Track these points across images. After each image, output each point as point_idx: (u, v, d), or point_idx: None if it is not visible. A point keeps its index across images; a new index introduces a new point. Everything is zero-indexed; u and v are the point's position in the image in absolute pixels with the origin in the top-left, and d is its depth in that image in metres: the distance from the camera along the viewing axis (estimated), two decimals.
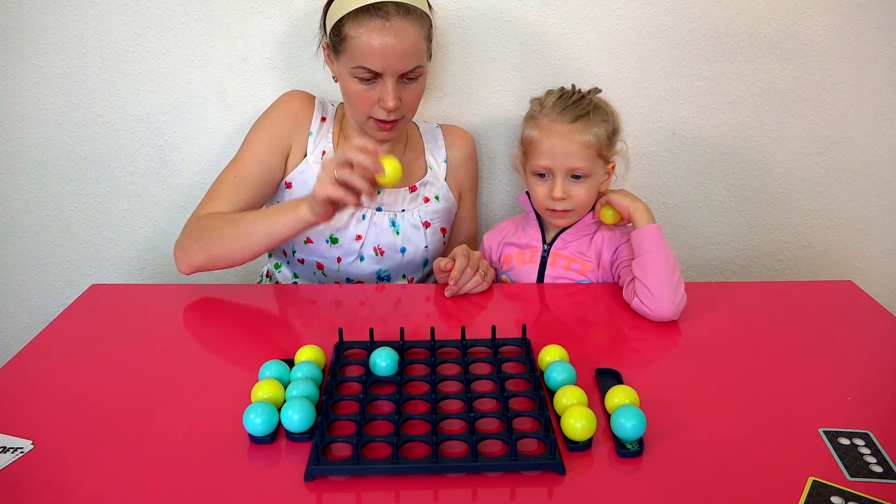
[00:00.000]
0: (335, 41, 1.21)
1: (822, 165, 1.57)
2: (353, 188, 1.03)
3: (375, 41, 1.15)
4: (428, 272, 1.42)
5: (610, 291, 1.24)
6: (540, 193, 1.25)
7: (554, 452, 0.79)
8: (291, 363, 0.97)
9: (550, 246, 1.30)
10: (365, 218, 1.31)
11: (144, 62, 1.46)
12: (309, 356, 0.96)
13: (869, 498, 0.74)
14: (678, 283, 1.12)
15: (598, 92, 1.27)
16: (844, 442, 0.83)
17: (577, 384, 0.91)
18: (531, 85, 1.48)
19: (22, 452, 0.81)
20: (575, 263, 1.28)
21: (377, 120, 1.23)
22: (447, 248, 1.42)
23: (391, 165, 1.05)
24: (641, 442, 0.82)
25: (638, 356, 1.06)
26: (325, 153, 1.31)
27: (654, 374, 0.99)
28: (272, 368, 0.93)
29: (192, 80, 1.47)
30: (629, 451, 0.81)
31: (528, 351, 1.00)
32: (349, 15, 1.17)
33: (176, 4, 1.42)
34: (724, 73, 1.49)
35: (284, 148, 1.30)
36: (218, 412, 0.88)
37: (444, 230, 1.40)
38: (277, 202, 1.33)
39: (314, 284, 1.35)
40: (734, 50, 1.47)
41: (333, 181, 1.03)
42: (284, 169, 1.31)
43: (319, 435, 0.81)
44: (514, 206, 1.60)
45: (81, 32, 1.43)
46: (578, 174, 1.21)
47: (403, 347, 1.01)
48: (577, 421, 0.81)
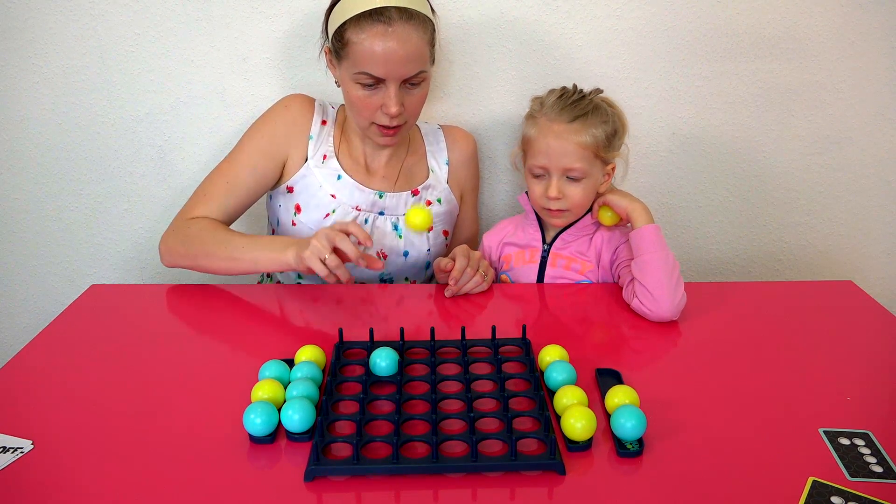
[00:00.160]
0: (337, 46, 1.20)
1: (822, 165, 1.57)
2: (344, 258, 1.11)
3: (378, 47, 1.14)
4: (430, 275, 1.42)
5: (610, 291, 1.24)
6: (536, 192, 1.25)
7: (554, 452, 0.79)
8: (291, 363, 0.97)
9: (550, 246, 1.30)
10: (367, 223, 1.32)
11: (144, 62, 1.46)
12: (309, 356, 0.96)
13: (869, 498, 0.74)
14: (678, 283, 1.12)
15: (599, 92, 1.26)
16: (844, 442, 0.83)
17: (577, 384, 0.91)
18: (531, 85, 1.48)
19: (22, 452, 0.81)
20: (575, 263, 1.28)
21: (380, 126, 1.23)
22: (449, 248, 1.42)
23: (421, 216, 1.08)
24: (641, 442, 0.82)
25: (638, 356, 1.06)
26: (325, 157, 1.30)
27: (654, 374, 0.99)
28: (272, 368, 0.93)
29: (192, 80, 1.47)
30: (629, 451, 0.81)
31: (528, 351, 1.00)
32: (351, 20, 1.16)
33: (176, 4, 1.42)
34: (724, 73, 1.49)
35: (280, 155, 1.30)
36: (218, 412, 0.88)
37: (445, 233, 1.40)
38: (279, 206, 1.33)
39: (315, 284, 1.34)
40: (734, 50, 1.47)
41: (324, 259, 1.09)
42: (281, 175, 1.31)
43: (319, 435, 0.81)
44: (514, 206, 1.59)
45: (81, 32, 1.43)
46: (574, 175, 1.21)
47: (403, 347, 1.01)
48: (577, 421, 0.81)
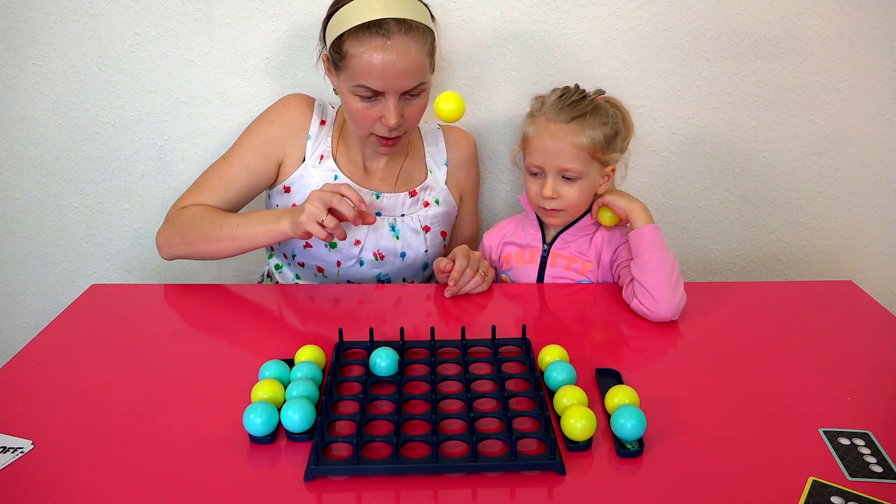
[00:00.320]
0: (335, 58, 1.18)
1: (822, 165, 1.57)
2: (340, 217, 1.13)
3: (376, 60, 1.13)
4: (428, 275, 1.42)
5: (610, 291, 1.23)
6: (532, 191, 1.25)
7: (554, 452, 0.79)
8: (291, 363, 0.97)
9: (550, 246, 1.30)
10: None
11: (144, 62, 1.46)
12: (309, 356, 0.96)
13: (869, 498, 0.74)
14: (677, 282, 1.12)
15: (601, 93, 1.26)
16: (844, 442, 0.83)
17: (577, 384, 0.91)
18: (531, 85, 1.48)
19: (22, 452, 0.81)
20: (575, 263, 1.28)
21: (379, 136, 1.22)
22: (448, 249, 1.42)
23: (454, 100, 1.08)
24: (641, 442, 0.82)
25: (638, 356, 1.06)
26: (322, 157, 1.30)
27: (654, 374, 0.99)
28: (272, 368, 0.93)
29: (192, 80, 1.47)
30: (629, 451, 0.81)
31: (528, 351, 1.00)
32: (349, 32, 1.14)
33: (176, 4, 1.42)
34: (724, 73, 1.49)
35: (276, 154, 1.30)
36: (218, 412, 0.88)
37: (444, 234, 1.40)
38: (276, 206, 1.33)
39: (314, 284, 1.34)
40: (734, 50, 1.47)
41: (321, 221, 1.11)
42: (277, 174, 1.31)
43: (319, 435, 0.81)
44: (514, 205, 1.60)
45: (81, 32, 1.43)
46: (569, 175, 1.21)
47: (403, 347, 1.01)
48: (577, 421, 0.81)
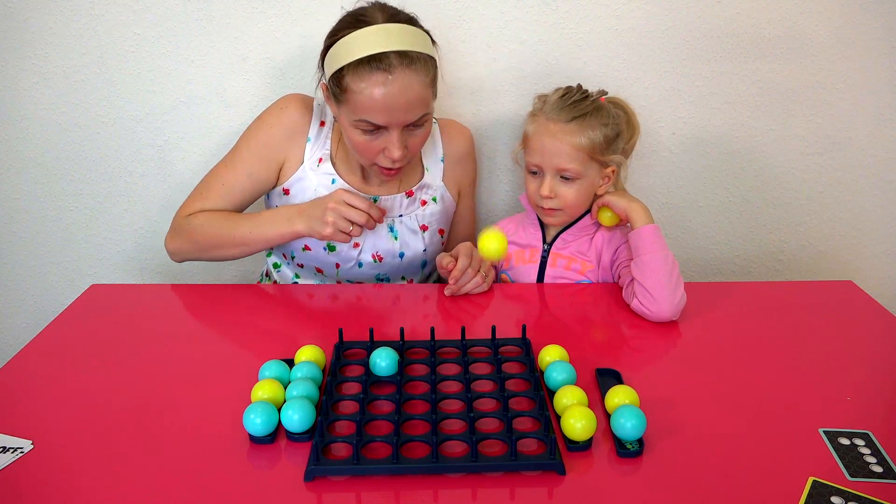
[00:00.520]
0: (335, 90, 1.15)
1: (822, 165, 1.57)
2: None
3: (378, 96, 1.10)
4: (427, 273, 1.41)
5: (610, 291, 1.23)
6: (530, 190, 1.25)
7: (554, 452, 0.79)
8: (291, 363, 0.97)
9: (550, 246, 1.30)
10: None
11: (144, 62, 1.46)
12: (309, 356, 0.96)
13: (869, 498, 0.74)
14: (677, 282, 1.12)
15: (604, 94, 1.26)
16: (844, 442, 0.83)
17: (577, 384, 0.91)
18: (531, 85, 1.48)
19: (22, 452, 0.81)
20: (575, 263, 1.28)
21: (381, 166, 1.21)
22: (446, 246, 1.42)
23: (496, 239, 1.00)
24: (641, 442, 0.82)
25: (638, 356, 1.06)
26: (321, 160, 1.29)
27: (654, 374, 0.99)
28: (272, 368, 0.93)
29: (192, 80, 1.47)
30: (629, 451, 0.81)
31: (528, 351, 1.00)
32: (350, 66, 1.11)
33: (176, 4, 1.42)
34: (724, 73, 1.49)
35: (277, 159, 1.29)
36: (218, 412, 0.88)
37: (441, 231, 1.39)
38: (276, 206, 1.32)
39: (314, 284, 1.34)
40: (734, 50, 1.47)
41: (339, 229, 1.16)
42: (277, 177, 1.31)
43: (319, 435, 0.81)
44: (513, 205, 1.60)
45: (81, 32, 1.43)
46: (567, 175, 1.21)
47: (403, 347, 1.01)
48: (577, 421, 0.81)
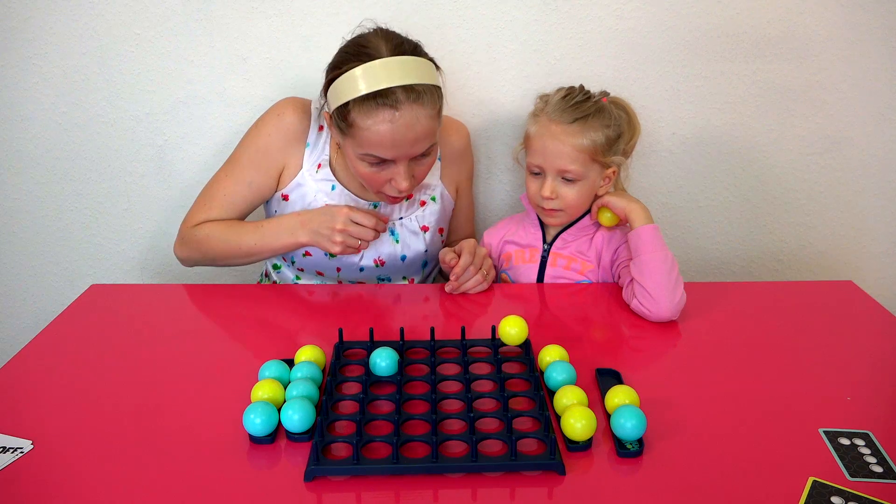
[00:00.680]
0: (341, 124, 1.13)
1: (822, 165, 1.57)
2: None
3: (385, 132, 1.09)
4: (427, 273, 1.41)
5: (610, 291, 1.23)
6: (531, 190, 1.25)
7: (554, 452, 0.79)
8: (291, 363, 0.97)
9: (551, 246, 1.30)
10: None
11: (144, 62, 1.46)
12: (309, 356, 0.96)
13: (869, 498, 0.74)
14: (676, 282, 1.12)
15: (606, 94, 1.26)
16: (844, 442, 0.83)
17: (577, 384, 0.91)
18: (531, 85, 1.48)
19: (22, 452, 0.81)
20: (575, 263, 1.28)
21: (388, 194, 1.21)
22: (446, 244, 1.41)
23: (518, 326, 0.99)
24: (641, 442, 0.82)
25: (638, 356, 1.06)
26: (320, 166, 1.28)
27: (654, 374, 0.99)
28: (272, 368, 0.93)
29: (192, 80, 1.47)
30: (629, 451, 0.81)
31: (528, 351, 1.00)
32: (355, 101, 1.09)
33: (176, 4, 1.42)
34: (724, 73, 1.49)
35: (277, 166, 1.28)
36: (218, 412, 0.88)
37: (441, 230, 1.39)
38: (275, 211, 1.32)
39: (314, 284, 1.34)
40: (734, 50, 1.47)
41: (343, 244, 1.18)
42: (277, 183, 1.30)
43: (319, 435, 0.81)
44: (513, 205, 1.60)
45: (81, 32, 1.43)
46: (569, 176, 1.20)
47: (403, 347, 1.01)
48: (577, 421, 0.81)
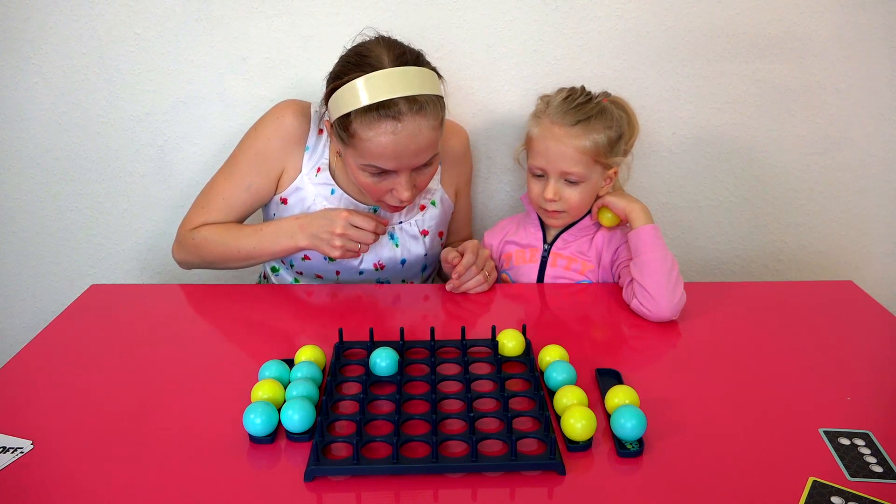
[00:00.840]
0: (342, 134, 1.12)
1: (822, 165, 1.57)
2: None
3: (387, 144, 1.08)
4: (426, 277, 1.41)
5: (610, 291, 1.23)
6: (534, 192, 1.25)
7: (554, 452, 0.79)
8: (291, 363, 0.97)
9: (551, 246, 1.30)
10: None
11: (144, 62, 1.46)
12: (309, 356, 0.97)
13: (869, 498, 0.74)
14: (676, 282, 1.12)
15: (606, 95, 1.26)
16: (844, 442, 0.83)
17: (577, 384, 0.91)
18: (531, 85, 1.48)
19: (22, 452, 0.81)
20: (575, 263, 1.28)
21: (389, 203, 1.20)
22: (445, 246, 1.41)
23: (515, 339, 1.00)
24: (641, 442, 0.82)
25: (638, 356, 1.06)
26: (319, 170, 1.28)
27: (654, 374, 0.99)
28: (272, 368, 0.93)
29: (192, 80, 1.47)
30: (629, 451, 0.81)
31: (528, 351, 1.00)
32: (357, 112, 1.08)
33: (176, 4, 1.42)
34: (724, 73, 1.49)
35: (276, 170, 1.28)
36: (218, 412, 0.88)
37: (441, 234, 1.39)
38: (274, 215, 1.32)
39: (314, 284, 1.34)
40: (734, 50, 1.47)
41: (343, 248, 1.18)
42: (276, 186, 1.29)
43: (319, 435, 0.81)
44: (513, 205, 1.60)
45: (81, 32, 1.43)
46: (572, 178, 1.20)
47: (403, 347, 1.01)
48: (577, 421, 0.81)
